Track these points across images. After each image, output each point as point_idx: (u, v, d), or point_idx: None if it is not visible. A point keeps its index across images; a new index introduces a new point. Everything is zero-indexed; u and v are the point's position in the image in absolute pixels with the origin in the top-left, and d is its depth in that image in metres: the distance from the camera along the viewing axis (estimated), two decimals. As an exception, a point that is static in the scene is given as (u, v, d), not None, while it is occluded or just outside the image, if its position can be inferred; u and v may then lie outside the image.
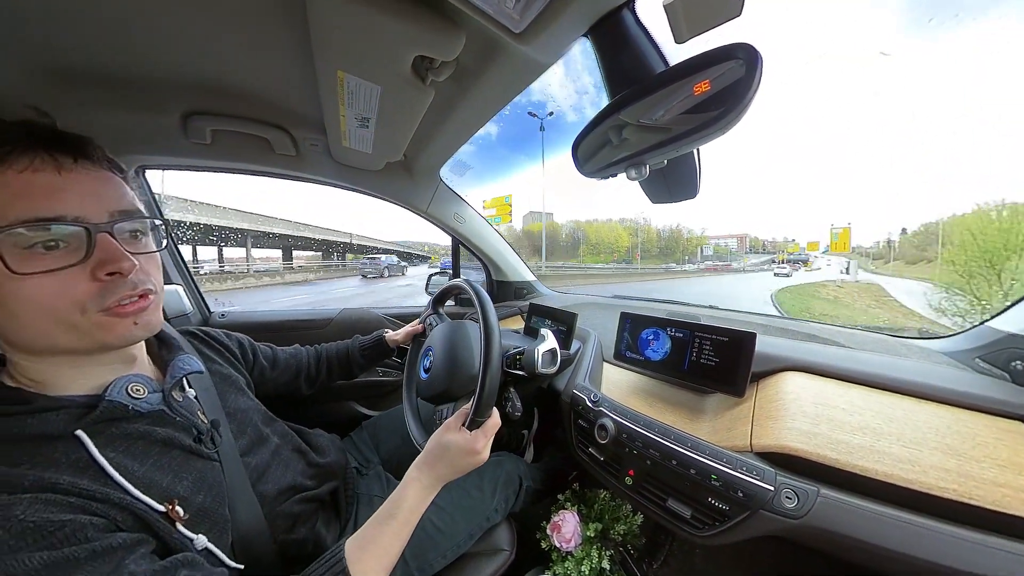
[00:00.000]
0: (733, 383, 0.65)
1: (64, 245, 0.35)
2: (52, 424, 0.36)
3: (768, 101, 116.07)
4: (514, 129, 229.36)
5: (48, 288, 0.34)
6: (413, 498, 0.50)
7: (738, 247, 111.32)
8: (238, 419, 0.58)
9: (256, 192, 18.40)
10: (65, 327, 0.36)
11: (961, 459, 0.44)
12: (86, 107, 0.74)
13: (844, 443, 0.48)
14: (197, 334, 0.66)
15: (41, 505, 0.31)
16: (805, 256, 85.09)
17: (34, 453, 0.34)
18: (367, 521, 0.48)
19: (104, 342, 0.39)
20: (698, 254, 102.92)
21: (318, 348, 0.91)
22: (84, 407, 0.39)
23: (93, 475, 0.36)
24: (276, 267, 22.95)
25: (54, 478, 0.33)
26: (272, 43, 0.63)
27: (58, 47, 0.61)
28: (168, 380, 0.47)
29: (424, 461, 0.53)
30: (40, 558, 0.28)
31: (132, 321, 0.40)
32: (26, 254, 0.33)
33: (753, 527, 0.50)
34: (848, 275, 38.14)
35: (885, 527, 0.41)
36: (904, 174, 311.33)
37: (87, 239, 0.36)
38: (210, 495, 0.45)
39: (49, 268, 0.34)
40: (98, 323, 0.37)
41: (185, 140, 0.88)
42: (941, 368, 0.62)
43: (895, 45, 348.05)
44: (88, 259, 0.36)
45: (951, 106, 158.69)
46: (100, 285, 0.37)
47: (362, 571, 0.43)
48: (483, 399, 0.52)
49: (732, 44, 0.40)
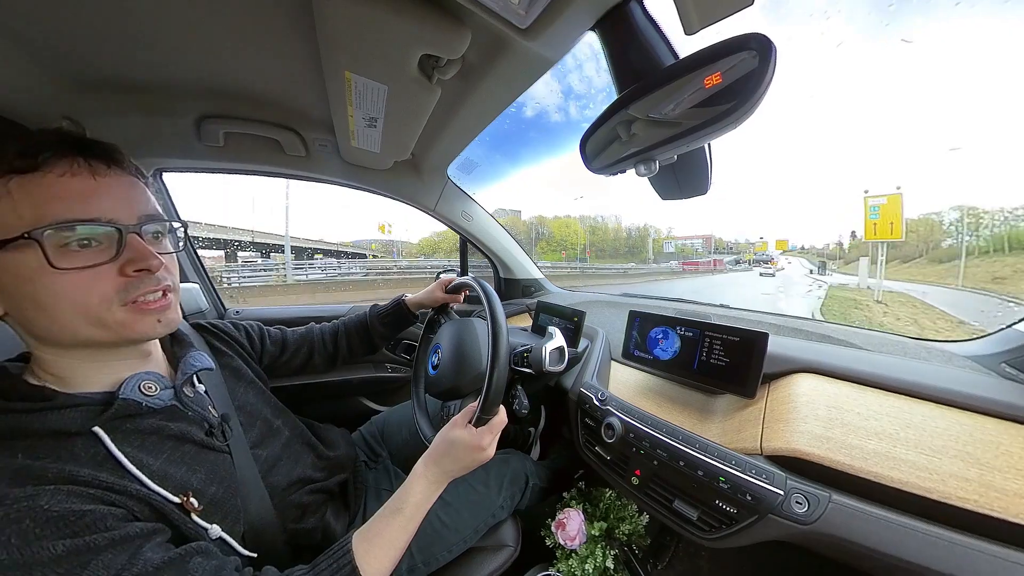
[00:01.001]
0: (744, 384, 0.64)
1: (96, 244, 0.38)
2: (71, 421, 0.38)
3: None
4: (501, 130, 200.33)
5: (81, 283, 0.37)
6: (419, 493, 0.51)
7: (703, 247, 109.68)
8: (247, 412, 0.59)
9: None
10: (92, 321, 0.38)
11: (983, 469, 0.42)
12: (107, 114, 0.77)
13: (858, 448, 0.47)
14: (207, 327, 0.68)
15: (63, 496, 0.32)
16: (768, 256, 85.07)
17: (55, 447, 0.36)
18: (374, 515, 0.49)
19: (127, 337, 0.41)
20: (662, 252, 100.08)
21: (335, 323, 0.87)
22: (100, 404, 0.40)
23: (111, 468, 0.37)
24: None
25: (75, 471, 0.34)
26: (281, 47, 0.64)
27: (82, 58, 0.64)
28: (180, 377, 0.49)
29: (430, 457, 0.54)
30: (63, 545, 0.30)
31: (156, 319, 0.42)
32: (62, 251, 0.36)
33: (761, 531, 0.49)
34: (823, 276, 37.68)
35: (900, 536, 0.40)
36: (854, 183, 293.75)
37: (118, 239, 0.39)
38: (222, 486, 0.47)
39: (84, 264, 0.37)
40: (122, 319, 0.40)
41: (199, 143, 0.90)
42: (964, 372, 0.59)
43: (850, 41, 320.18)
44: (118, 257, 0.39)
45: (897, 119, 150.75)
46: (127, 281, 0.40)
47: (369, 564, 0.44)
48: (490, 397, 0.53)
49: (744, 34, 0.38)
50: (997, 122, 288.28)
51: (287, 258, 22.05)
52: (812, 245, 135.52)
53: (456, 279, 0.83)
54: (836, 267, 67.03)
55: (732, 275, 45.71)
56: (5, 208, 0.35)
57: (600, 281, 24.63)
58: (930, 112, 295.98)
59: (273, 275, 14.55)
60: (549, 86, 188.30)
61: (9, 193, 0.35)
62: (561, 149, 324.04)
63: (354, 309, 1.36)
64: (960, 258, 47.56)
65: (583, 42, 0.56)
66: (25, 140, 0.36)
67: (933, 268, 44.60)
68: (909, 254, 60.24)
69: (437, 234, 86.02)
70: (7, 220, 0.35)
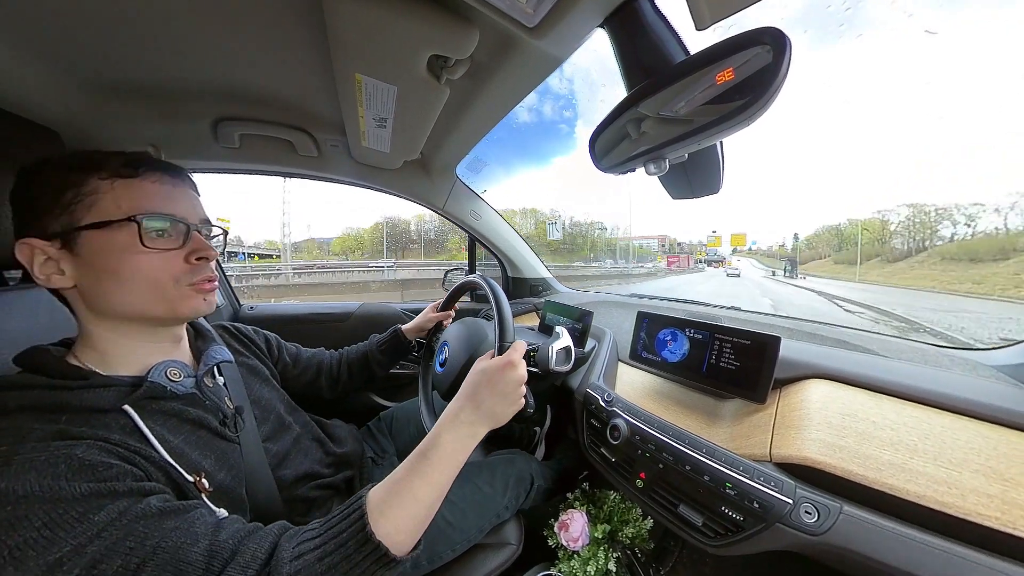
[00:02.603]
0: (754, 388, 0.62)
1: (169, 236, 0.47)
2: (104, 399, 0.42)
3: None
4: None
5: (157, 263, 0.46)
6: (449, 441, 0.46)
7: (658, 248, 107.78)
8: (262, 406, 0.62)
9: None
10: (158, 295, 0.46)
11: (1007, 484, 0.40)
12: (129, 118, 0.81)
13: (873, 458, 0.45)
14: (229, 329, 0.71)
15: (96, 450, 0.36)
16: (720, 256, 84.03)
17: (90, 419, 0.40)
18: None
19: (178, 312, 0.49)
20: (615, 255, 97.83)
21: (340, 352, 0.92)
22: (130, 386, 0.45)
23: (138, 439, 0.41)
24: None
25: (107, 435, 0.39)
26: (293, 50, 0.66)
27: (105, 64, 0.67)
28: (201, 367, 0.53)
29: (460, 397, 0.51)
30: (87, 487, 0.33)
31: (203, 298, 0.50)
32: (148, 236, 0.44)
33: (768, 540, 0.48)
34: (792, 279, 37.21)
35: (914, 552, 0.39)
36: (795, 188, 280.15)
37: (186, 232, 0.48)
38: (230, 475, 0.49)
39: (163, 247, 0.46)
40: (181, 295, 0.48)
41: (216, 145, 0.93)
42: (989, 383, 0.56)
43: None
44: (184, 247, 0.48)
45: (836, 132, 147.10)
46: (190, 267, 0.49)
47: (384, 517, 0.39)
48: (504, 325, 0.57)
49: (758, 28, 0.37)
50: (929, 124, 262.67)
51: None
52: (759, 247, 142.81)
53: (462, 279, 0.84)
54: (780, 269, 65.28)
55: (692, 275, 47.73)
56: (108, 200, 0.43)
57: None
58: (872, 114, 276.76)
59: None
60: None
61: (113, 190, 0.44)
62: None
63: (364, 307, 1.39)
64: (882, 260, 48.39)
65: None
66: (128, 156, 0.47)
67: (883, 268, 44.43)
68: (807, 256, 59.64)
69: (354, 231, 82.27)
70: (109, 209, 0.43)
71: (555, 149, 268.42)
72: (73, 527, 0.31)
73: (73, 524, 0.31)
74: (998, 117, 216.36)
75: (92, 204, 0.43)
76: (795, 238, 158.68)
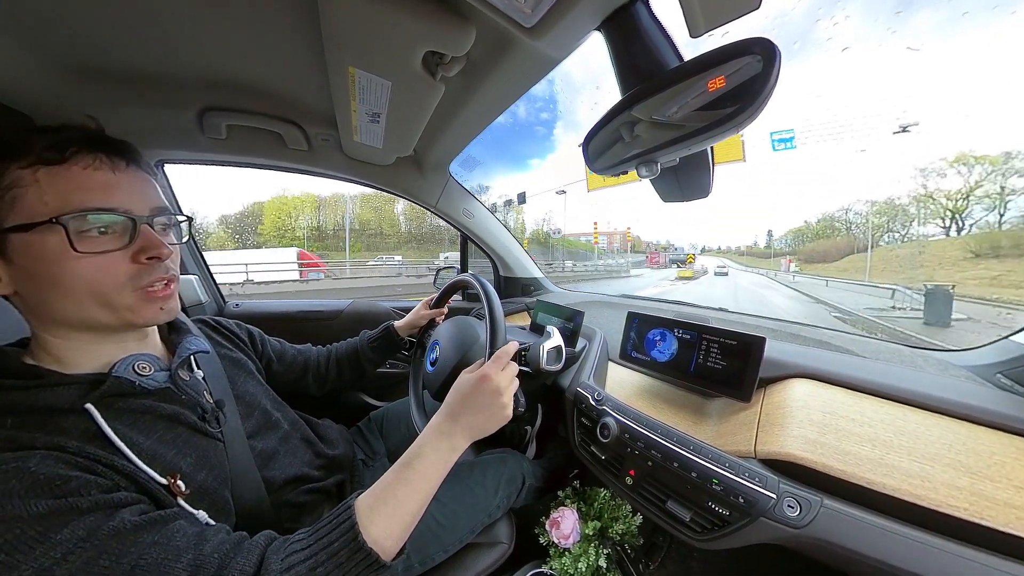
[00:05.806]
0: (740, 388, 0.64)
1: (112, 233, 0.40)
2: (62, 398, 0.38)
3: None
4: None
5: (97, 267, 0.39)
6: (430, 453, 0.46)
7: (608, 245, 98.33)
8: (246, 401, 0.59)
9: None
10: (103, 303, 0.40)
11: (975, 477, 0.42)
12: (110, 104, 0.77)
13: (852, 454, 0.47)
14: (209, 323, 0.68)
15: (52, 461, 0.33)
16: (683, 255, 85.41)
17: (44, 422, 0.37)
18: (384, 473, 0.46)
19: (131, 321, 0.43)
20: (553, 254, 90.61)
21: (328, 348, 0.89)
22: (92, 383, 0.41)
23: (100, 444, 0.38)
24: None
25: (63, 442, 0.35)
26: (285, 40, 0.64)
27: (86, 49, 0.64)
28: (175, 359, 0.49)
29: (443, 407, 0.51)
30: (46, 504, 0.30)
31: (159, 307, 0.44)
32: (82, 237, 0.38)
33: (753, 534, 0.49)
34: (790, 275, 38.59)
35: (890, 542, 0.40)
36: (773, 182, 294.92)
37: (132, 228, 0.42)
38: (211, 474, 0.46)
39: (101, 250, 0.39)
40: (130, 304, 0.42)
41: (202, 135, 0.90)
42: (959, 382, 0.59)
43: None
44: (131, 245, 0.41)
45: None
46: (139, 268, 0.42)
47: (373, 524, 0.40)
48: (495, 329, 0.55)
49: (749, 39, 0.38)
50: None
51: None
52: (729, 246, 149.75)
53: (453, 278, 0.83)
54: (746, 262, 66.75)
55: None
56: (32, 195, 0.37)
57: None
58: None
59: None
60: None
61: (37, 182, 0.37)
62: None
63: (354, 304, 1.37)
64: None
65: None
66: (52, 135, 0.39)
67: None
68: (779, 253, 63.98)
69: (227, 220, 61.75)
70: (33, 206, 0.37)
71: (534, 151, 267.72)
72: (32, 548, 0.28)
73: (32, 545, 0.28)
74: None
75: (15, 200, 0.36)
76: (769, 235, 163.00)
